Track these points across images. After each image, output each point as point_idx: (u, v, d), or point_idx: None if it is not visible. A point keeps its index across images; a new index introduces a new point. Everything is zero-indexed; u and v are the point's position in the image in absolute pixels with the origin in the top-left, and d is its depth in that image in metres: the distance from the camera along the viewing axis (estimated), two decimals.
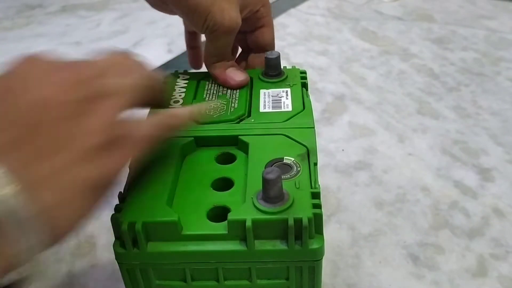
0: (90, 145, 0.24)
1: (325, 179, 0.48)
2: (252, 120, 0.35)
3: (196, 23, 0.37)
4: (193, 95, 0.38)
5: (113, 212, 0.28)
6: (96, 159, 0.24)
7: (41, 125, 0.23)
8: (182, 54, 0.73)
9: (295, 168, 0.30)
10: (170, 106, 0.37)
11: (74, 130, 0.24)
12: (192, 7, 0.36)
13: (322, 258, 0.28)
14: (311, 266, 0.28)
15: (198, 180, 0.32)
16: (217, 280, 0.29)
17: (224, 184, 0.31)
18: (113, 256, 0.29)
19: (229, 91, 0.39)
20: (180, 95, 0.38)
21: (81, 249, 0.42)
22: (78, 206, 0.23)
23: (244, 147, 0.33)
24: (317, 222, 0.27)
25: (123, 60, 0.29)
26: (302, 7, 0.89)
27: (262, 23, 0.41)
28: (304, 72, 0.40)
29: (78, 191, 0.23)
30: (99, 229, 0.43)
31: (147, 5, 0.39)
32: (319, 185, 0.29)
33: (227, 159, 0.34)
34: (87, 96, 0.25)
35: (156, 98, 0.31)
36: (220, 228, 0.28)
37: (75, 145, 0.23)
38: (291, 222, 0.26)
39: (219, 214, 0.29)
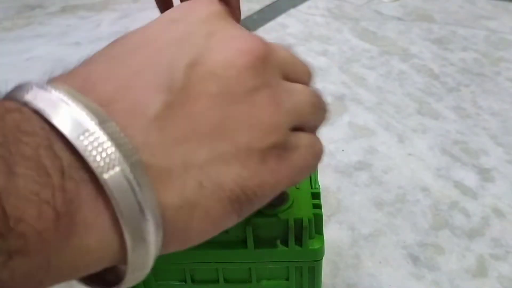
0: (255, 145, 0.18)
1: (325, 179, 0.48)
2: None
3: None
4: None
5: None
6: (254, 164, 0.18)
7: (204, 98, 0.17)
8: None
9: None
10: None
11: (244, 118, 0.18)
12: None
13: (322, 258, 0.28)
14: (311, 266, 0.28)
15: None
16: (217, 281, 0.29)
17: None
18: None
19: None
20: None
21: None
22: (213, 219, 0.18)
23: None
24: (317, 223, 0.27)
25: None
26: (302, 7, 0.89)
27: None
28: None
29: (219, 199, 0.18)
30: None
31: (147, 5, 0.39)
32: (319, 186, 0.29)
33: None
34: (268, 85, 0.19)
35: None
36: None
37: (237, 138, 0.18)
38: (291, 222, 0.26)
39: None
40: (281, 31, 0.80)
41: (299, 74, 0.22)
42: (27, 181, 0.14)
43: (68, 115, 0.14)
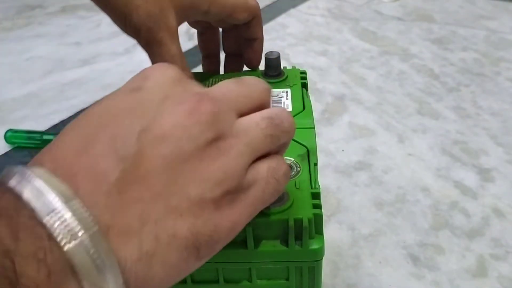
0: (207, 196, 0.20)
1: (325, 179, 0.48)
2: None
3: (120, 27, 0.35)
4: None
5: None
6: (208, 213, 0.20)
7: (156, 160, 0.20)
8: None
9: (295, 168, 0.30)
10: None
11: (195, 173, 0.20)
12: (109, 7, 0.33)
13: (322, 259, 0.28)
14: (311, 266, 0.28)
15: None
16: (217, 281, 0.29)
17: None
18: None
19: None
20: None
21: None
22: (171, 265, 0.20)
23: None
24: (317, 223, 0.27)
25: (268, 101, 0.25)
26: (302, 7, 0.89)
27: (253, 35, 0.40)
28: (304, 72, 0.40)
29: (175, 247, 0.20)
30: None
31: None
32: (319, 186, 0.29)
33: None
34: (219, 135, 0.21)
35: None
36: None
37: (189, 192, 0.20)
38: (291, 222, 0.26)
39: None
40: (281, 31, 0.80)
41: (254, 102, 0.24)
42: (27, 244, 0.17)
43: (40, 198, 0.18)
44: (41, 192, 0.18)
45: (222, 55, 0.43)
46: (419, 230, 0.43)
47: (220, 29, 0.41)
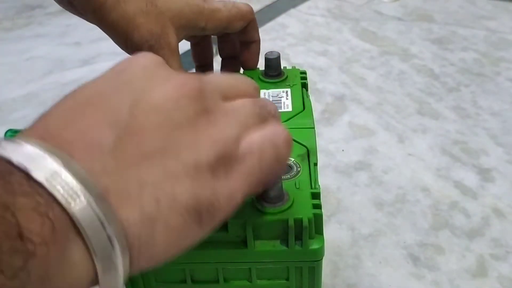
0: (202, 160, 0.20)
1: (325, 179, 0.48)
2: None
3: (121, 47, 0.36)
4: None
5: None
6: (204, 178, 0.20)
7: (149, 127, 0.20)
8: (181, 54, 0.73)
9: (295, 168, 0.30)
10: None
11: (187, 140, 0.21)
12: (111, 27, 0.34)
13: (322, 259, 0.28)
14: (311, 266, 0.28)
15: None
16: (217, 281, 0.29)
17: None
18: None
19: None
20: None
21: None
22: (174, 230, 0.20)
23: None
24: (317, 223, 0.27)
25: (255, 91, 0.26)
26: (302, 7, 0.89)
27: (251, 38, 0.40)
28: (304, 73, 0.40)
29: (176, 210, 0.20)
30: None
31: None
32: (319, 186, 0.29)
33: None
34: (207, 109, 0.22)
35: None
36: (220, 228, 0.28)
37: (184, 157, 0.20)
38: (291, 222, 0.26)
39: None
40: (281, 31, 0.80)
41: (240, 92, 0.25)
42: (28, 199, 0.16)
43: (35, 161, 0.17)
44: (35, 156, 0.17)
45: (216, 61, 0.43)
46: (419, 230, 0.43)
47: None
